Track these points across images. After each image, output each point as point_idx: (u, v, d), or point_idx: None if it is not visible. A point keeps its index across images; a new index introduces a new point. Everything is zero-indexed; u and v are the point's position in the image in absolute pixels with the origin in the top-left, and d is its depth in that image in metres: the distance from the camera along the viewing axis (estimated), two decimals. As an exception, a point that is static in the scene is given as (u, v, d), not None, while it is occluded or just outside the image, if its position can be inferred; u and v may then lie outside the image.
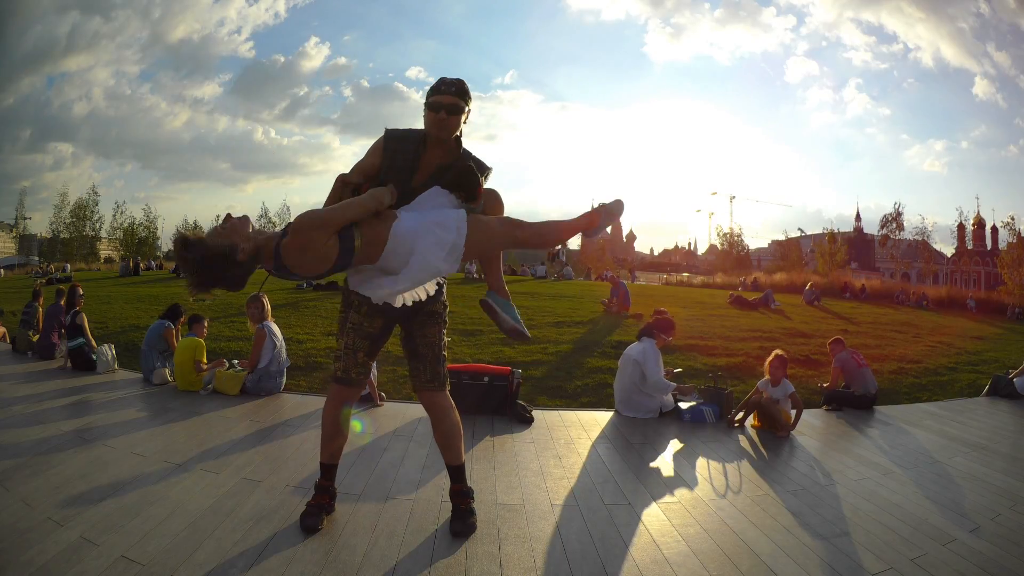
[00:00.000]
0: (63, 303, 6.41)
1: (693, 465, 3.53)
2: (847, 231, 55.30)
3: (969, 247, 50.99)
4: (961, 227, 47.74)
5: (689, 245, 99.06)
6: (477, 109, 2.43)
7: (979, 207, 60.46)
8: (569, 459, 3.51)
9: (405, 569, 2.16)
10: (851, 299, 20.28)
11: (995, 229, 48.47)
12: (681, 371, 5.78)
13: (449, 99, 2.19)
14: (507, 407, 4.36)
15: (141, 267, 23.38)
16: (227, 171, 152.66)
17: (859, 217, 64.67)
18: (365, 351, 2.40)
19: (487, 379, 4.42)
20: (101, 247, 43.44)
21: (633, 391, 4.59)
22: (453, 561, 2.23)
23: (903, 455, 3.91)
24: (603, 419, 4.47)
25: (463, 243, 2.10)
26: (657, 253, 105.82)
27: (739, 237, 50.16)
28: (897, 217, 41.19)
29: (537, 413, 4.45)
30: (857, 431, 4.56)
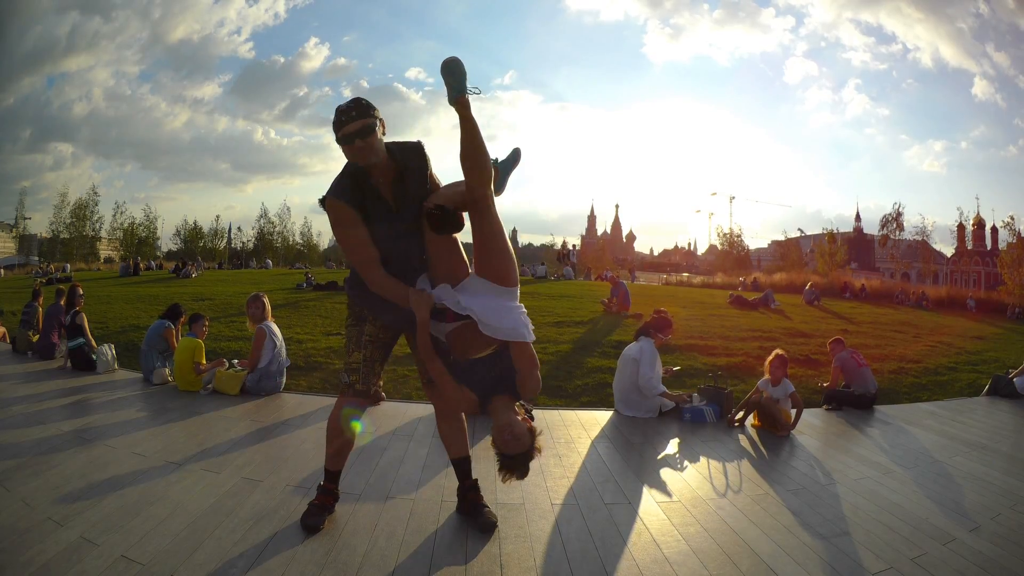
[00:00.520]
0: (63, 303, 6.42)
1: (693, 464, 3.53)
2: (847, 231, 55.35)
3: (969, 247, 50.96)
4: (961, 227, 47.79)
5: (689, 245, 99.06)
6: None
7: (979, 207, 60.72)
8: (569, 459, 3.51)
9: (405, 569, 2.16)
10: (851, 299, 20.28)
11: (995, 229, 48.44)
12: (680, 368, 5.78)
13: (355, 125, 2.12)
14: (507, 407, 4.36)
15: (141, 267, 23.41)
16: (227, 171, 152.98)
17: (859, 217, 64.75)
18: (381, 361, 2.47)
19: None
20: (101, 247, 43.44)
21: (632, 391, 4.59)
22: (453, 561, 2.23)
23: (903, 455, 3.91)
24: (603, 419, 4.47)
25: None
26: (657, 253, 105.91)
27: (739, 237, 50.23)
28: (897, 217, 41.28)
29: (537, 413, 4.45)
30: (857, 431, 4.56)
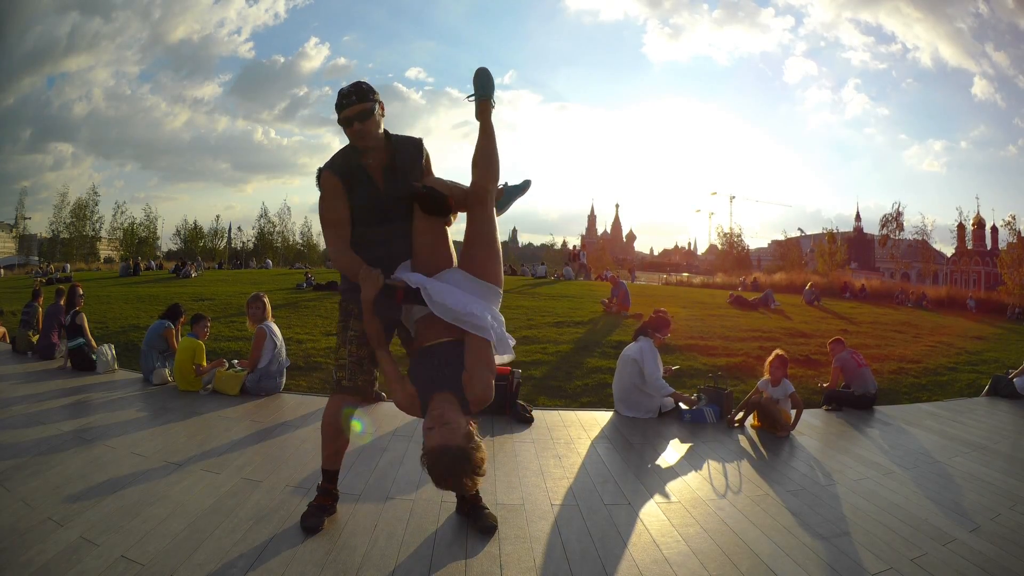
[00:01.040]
0: (63, 303, 6.42)
1: (693, 465, 3.53)
2: (847, 231, 55.30)
3: (969, 247, 50.88)
4: (961, 227, 47.70)
5: (689, 245, 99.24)
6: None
7: (979, 207, 60.73)
8: (569, 459, 3.51)
9: (405, 569, 2.16)
10: (851, 299, 20.26)
11: (995, 229, 48.43)
12: (679, 367, 5.78)
13: (354, 109, 2.21)
14: (507, 407, 4.36)
15: (141, 267, 23.41)
16: (227, 171, 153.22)
17: (859, 217, 64.62)
18: (369, 358, 2.42)
19: (487, 379, 4.41)
20: (101, 247, 43.48)
21: (632, 391, 4.59)
22: (453, 561, 2.23)
23: (903, 455, 3.91)
24: (603, 419, 4.47)
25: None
26: (657, 253, 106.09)
27: (739, 237, 50.31)
28: (897, 217, 41.24)
29: (537, 413, 4.45)
30: (857, 431, 4.55)
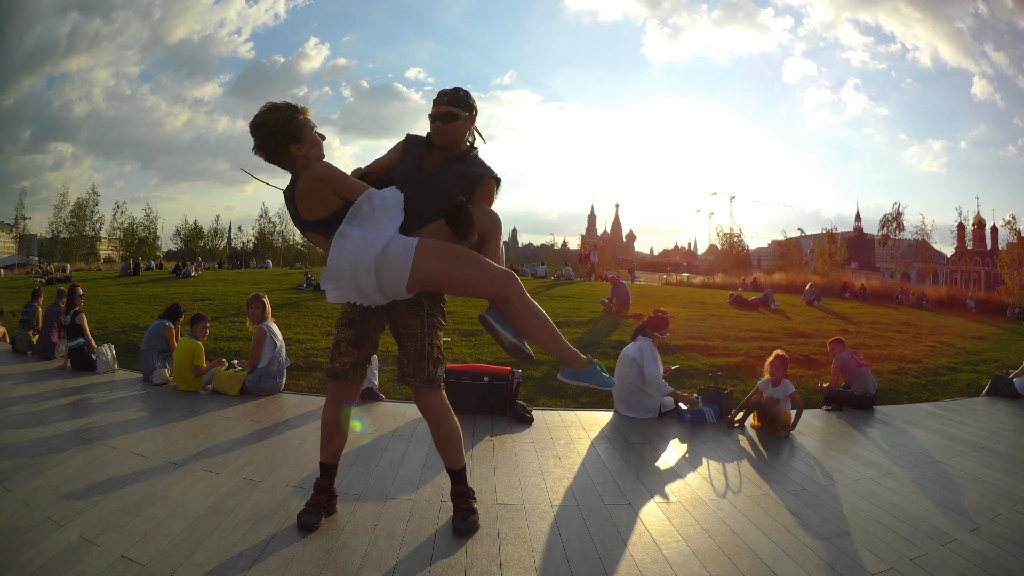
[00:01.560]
0: (63, 303, 6.42)
1: (693, 465, 3.53)
2: (847, 231, 55.33)
3: (969, 247, 50.90)
4: (961, 227, 47.72)
5: (689, 245, 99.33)
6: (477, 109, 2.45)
7: (979, 207, 60.69)
8: (569, 459, 3.51)
9: (405, 569, 2.16)
10: (851, 299, 20.26)
11: (995, 229, 48.45)
12: (679, 367, 5.79)
13: (441, 109, 2.34)
14: (507, 407, 4.36)
15: (141, 267, 23.40)
16: (227, 171, 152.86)
17: (859, 217, 64.58)
18: (348, 340, 2.42)
19: (487, 379, 4.42)
20: (101, 247, 43.47)
21: (632, 391, 4.59)
22: (453, 561, 2.23)
23: (903, 455, 3.91)
24: (603, 419, 4.47)
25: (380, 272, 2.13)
26: (657, 253, 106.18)
27: (739, 237, 50.29)
28: (897, 217, 41.21)
29: (537, 413, 4.45)
30: (857, 431, 4.56)
